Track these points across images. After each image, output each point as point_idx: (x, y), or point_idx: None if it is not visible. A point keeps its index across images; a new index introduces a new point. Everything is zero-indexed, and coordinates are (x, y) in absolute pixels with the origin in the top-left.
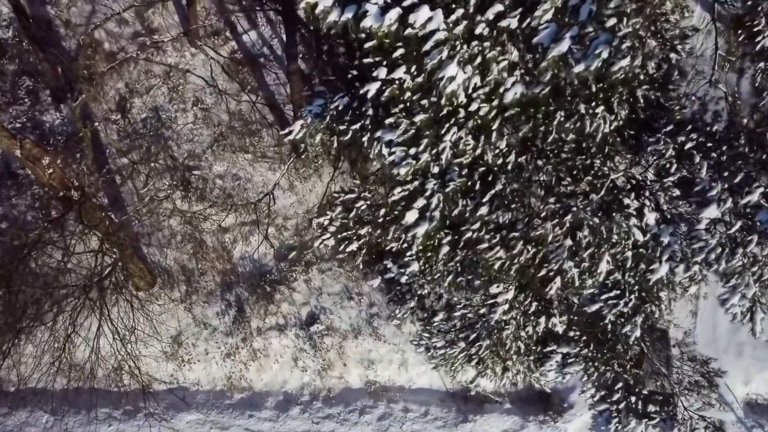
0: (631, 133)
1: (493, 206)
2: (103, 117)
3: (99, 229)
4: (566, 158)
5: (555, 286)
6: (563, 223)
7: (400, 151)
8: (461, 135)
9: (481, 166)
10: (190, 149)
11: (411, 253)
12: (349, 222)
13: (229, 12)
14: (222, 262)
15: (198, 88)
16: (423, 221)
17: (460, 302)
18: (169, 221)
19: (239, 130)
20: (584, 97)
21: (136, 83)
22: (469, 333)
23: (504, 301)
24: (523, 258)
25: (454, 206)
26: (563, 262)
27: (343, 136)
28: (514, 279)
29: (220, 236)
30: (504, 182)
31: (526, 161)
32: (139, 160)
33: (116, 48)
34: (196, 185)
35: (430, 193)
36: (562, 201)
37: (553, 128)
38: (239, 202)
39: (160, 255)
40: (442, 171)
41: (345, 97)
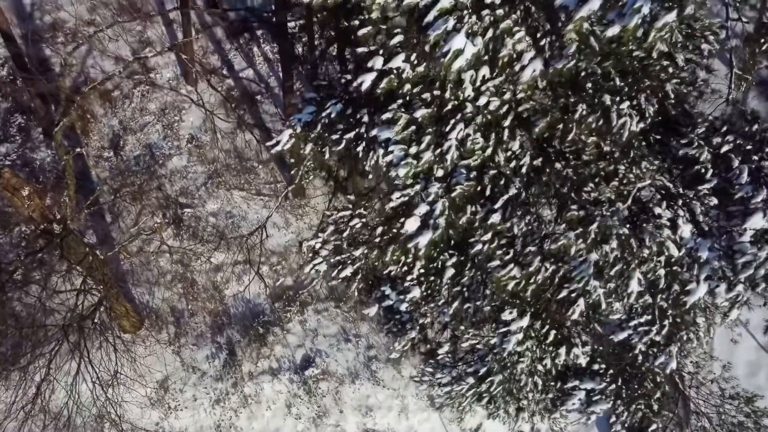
0: (658, 138)
1: (506, 213)
2: (95, 155)
3: (82, 266)
4: (588, 161)
5: (578, 309)
6: (588, 234)
7: (398, 149)
8: (469, 132)
9: (491, 168)
10: (183, 186)
11: (412, 278)
12: (342, 244)
13: (225, 50)
14: (213, 303)
15: (193, 126)
16: (426, 230)
17: (468, 332)
18: (159, 259)
19: (234, 167)
20: (608, 89)
21: (131, 121)
22: (478, 367)
23: (518, 330)
24: (540, 277)
25: (462, 213)
26: (588, 279)
27: (336, 146)
28: (530, 303)
29: (211, 276)
30: (518, 186)
31: (542, 164)
32: (131, 197)
33: (111, 85)
34: (189, 223)
35: (433, 197)
36: (586, 208)
37: (573, 125)
38: (232, 241)
39: (148, 295)
40: (447, 174)
41: (338, 104)
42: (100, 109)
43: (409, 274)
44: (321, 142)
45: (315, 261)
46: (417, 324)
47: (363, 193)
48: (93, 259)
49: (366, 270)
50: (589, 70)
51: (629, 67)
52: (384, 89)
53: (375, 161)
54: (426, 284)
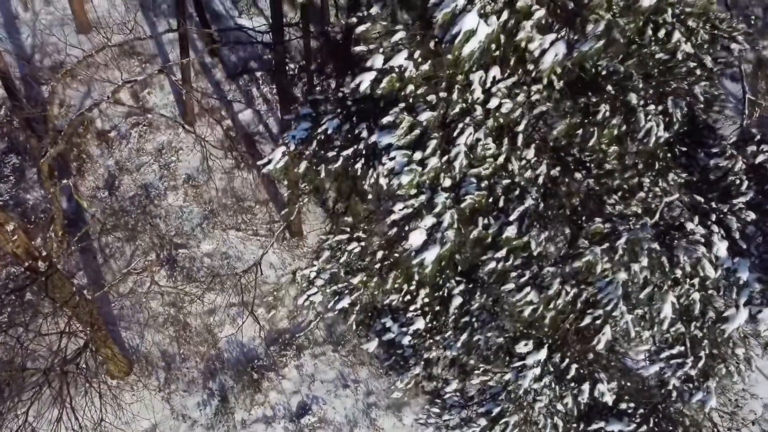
0: (683, 150)
1: (522, 227)
2: (89, 194)
3: (68, 306)
4: (611, 170)
5: (603, 339)
6: (615, 250)
7: (401, 155)
8: (479, 137)
9: (504, 178)
10: (178, 227)
11: (415, 308)
12: (339, 271)
13: (224, 91)
14: (206, 347)
15: (190, 165)
16: (433, 244)
17: (478, 367)
18: (151, 301)
19: (231, 206)
20: (633, 88)
21: (127, 161)
22: (491, 407)
23: (535, 364)
24: (561, 301)
25: (472, 226)
26: (617, 302)
27: (332, 163)
28: (548, 333)
29: (205, 318)
30: (535, 197)
31: (560, 174)
32: (124, 238)
33: (108, 126)
34: (183, 264)
35: (440, 208)
36: (612, 221)
37: (594, 130)
38: (226, 279)
39: (138, 338)
40: (455, 183)
41: (335, 119)
42: (97, 149)
43: (412, 303)
44: (316, 160)
45: (310, 291)
46: (421, 359)
47: (362, 216)
48: (80, 299)
49: (365, 300)
50: (611, 68)
51: (652, 70)
52: (385, 89)
53: (375, 180)
54: (431, 314)
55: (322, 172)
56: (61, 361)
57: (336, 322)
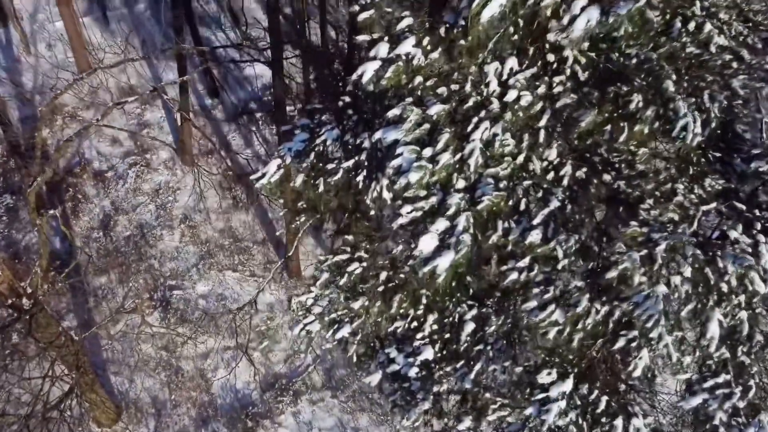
0: (717, 156)
1: (548, 231)
2: (83, 235)
3: (53, 348)
4: (644, 172)
5: (641, 364)
6: (654, 257)
7: (409, 151)
8: (496, 131)
9: (525, 179)
10: (173, 268)
11: (422, 336)
12: (338, 296)
13: (224, 132)
14: (199, 392)
15: (187, 206)
16: (446, 250)
17: (494, 401)
18: (142, 344)
19: (228, 247)
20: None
21: (123, 201)
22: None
23: (559, 396)
24: (590, 321)
25: (491, 230)
26: (659, 319)
27: (332, 176)
28: (573, 362)
29: (198, 362)
30: (561, 198)
31: (587, 175)
32: (117, 279)
33: (106, 166)
34: (177, 306)
35: (454, 210)
36: (650, 224)
37: (625, 125)
38: (219, 316)
39: (128, 384)
40: (470, 184)
41: (334, 129)
42: (93, 189)
43: (420, 331)
44: (314, 174)
45: (306, 320)
46: (430, 393)
47: (363, 234)
48: (65, 340)
49: (367, 329)
50: (642, 56)
51: (683, 65)
52: (390, 81)
53: (378, 193)
54: (440, 343)
55: (321, 185)
56: (43, 407)
57: (335, 365)
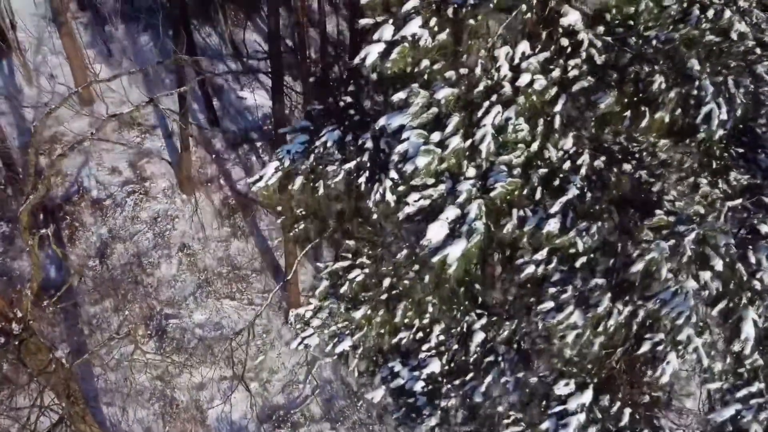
0: (740, 152)
1: (567, 221)
2: (79, 263)
3: (43, 376)
4: (666, 161)
5: (669, 369)
6: (682, 250)
7: (415, 135)
8: (509, 115)
9: (540, 167)
10: (170, 296)
11: (429, 347)
12: (339, 306)
13: (223, 160)
14: (194, 425)
15: (185, 234)
16: (457, 239)
17: (507, 416)
18: (137, 374)
19: (226, 275)
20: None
21: (120, 229)
22: None
23: (578, 408)
24: (612, 323)
25: (506, 218)
26: (689, 316)
27: (332, 178)
28: (592, 371)
29: (194, 393)
30: (580, 185)
31: (605, 164)
32: (113, 307)
33: (104, 195)
34: (173, 335)
35: (465, 197)
36: (677, 213)
37: (645, 110)
38: (218, 350)
39: (121, 415)
40: (482, 173)
41: (335, 131)
42: (90, 218)
43: (425, 342)
44: (314, 176)
45: (305, 333)
46: (437, 408)
47: (365, 239)
48: (56, 367)
49: (369, 342)
50: (663, 37)
51: (703, 52)
52: (395, 64)
53: (381, 196)
54: (448, 355)
55: (321, 188)
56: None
57: (335, 396)
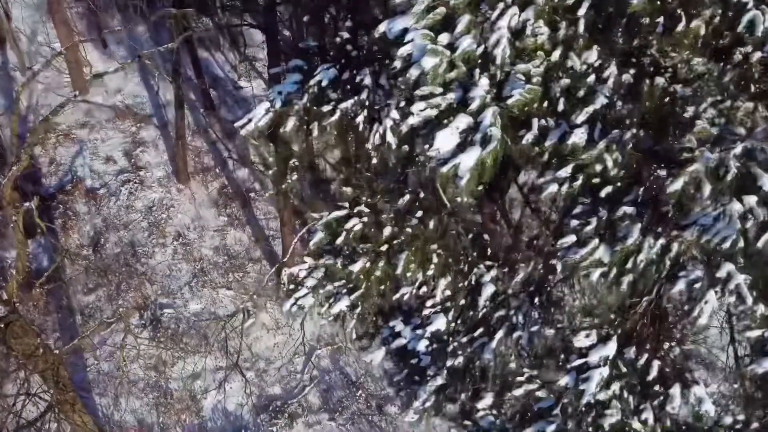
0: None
1: (594, 132)
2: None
3: (30, 361)
4: (705, 74)
5: (707, 309)
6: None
7: (420, 36)
8: (528, 17)
9: (562, 78)
10: (165, 286)
11: (434, 303)
12: (335, 262)
13: (220, 149)
14: (188, 415)
15: (181, 223)
16: (470, 147)
17: (521, 372)
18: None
19: (222, 265)
20: None
21: (115, 218)
22: (542, 426)
23: (601, 361)
24: (643, 257)
25: (525, 130)
26: (735, 240)
27: (328, 118)
28: (615, 322)
29: (189, 383)
30: (608, 95)
31: (634, 78)
32: (106, 297)
33: (98, 184)
34: (168, 325)
35: (479, 104)
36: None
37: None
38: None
39: (114, 406)
40: (497, 83)
41: (331, 69)
42: (84, 207)
43: (430, 297)
44: (307, 118)
45: (298, 294)
46: (443, 368)
47: (364, 186)
48: (44, 352)
49: (368, 300)
50: None
51: None
52: None
53: (381, 137)
54: (454, 311)
55: (315, 130)
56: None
57: (333, 386)
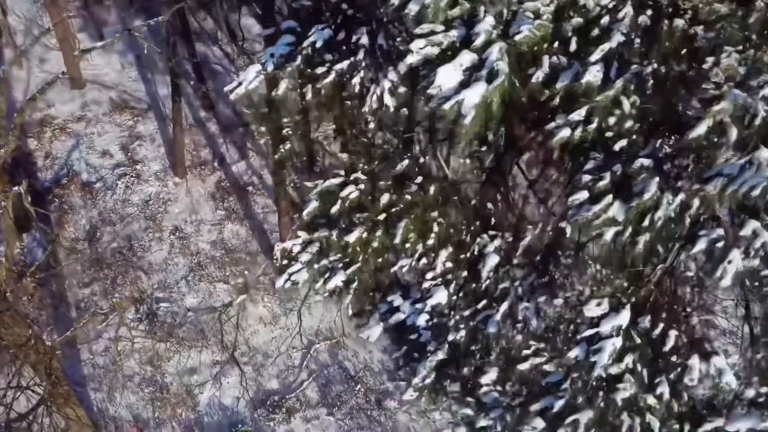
0: None
1: (611, 71)
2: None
3: (22, 353)
4: (728, 14)
5: (731, 270)
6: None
7: None
8: None
9: (573, 17)
10: (161, 280)
11: (434, 275)
12: (330, 235)
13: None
14: (185, 410)
15: (178, 217)
16: (474, 83)
17: (527, 345)
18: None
19: (219, 259)
20: None
21: (111, 212)
22: (551, 401)
23: (614, 331)
24: (661, 214)
25: (535, 68)
26: (765, 188)
27: (322, 80)
28: (628, 290)
29: (185, 378)
30: (625, 32)
31: (652, 19)
32: (102, 291)
33: (94, 178)
34: (164, 319)
35: (484, 40)
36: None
37: None
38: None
39: (108, 400)
40: (504, 21)
41: (326, 29)
42: (80, 200)
43: (430, 270)
44: (301, 81)
45: (292, 269)
46: (444, 343)
47: (361, 152)
48: (36, 343)
49: (365, 276)
50: None
51: None
52: None
53: (378, 99)
54: (456, 283)
55: (309, 93)
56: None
57: (331, 381)
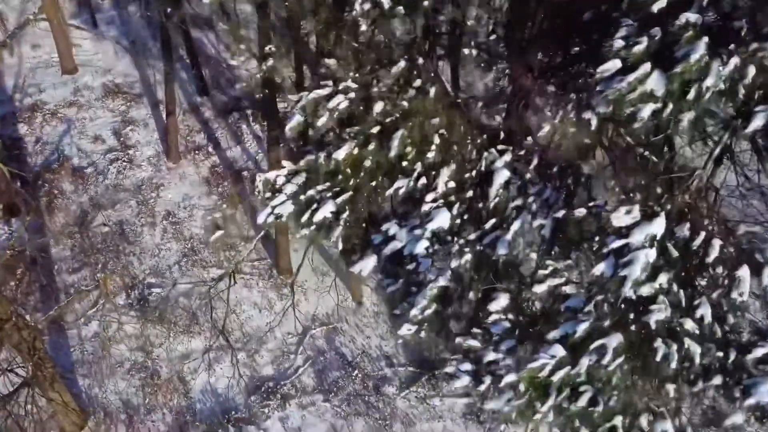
0: None
1: None
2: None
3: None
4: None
5: None
6: None
7: None
8: None
9: None
10: (153, 265)
11: (435, 197)
12: (317, 157)
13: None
14: (177, 396)
15: (171, 201)
16: None
17: (544, 265)
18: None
19: (213, 244)
20: None
21: (102, 197)
22: (570, 328)
23: (646, 242)
24: (710, 83)
25: None
26: None
27: None
28: (661, 197)
29: (176, 364)
30: None
31: None
32: (92, 276)
33: (85, 163)
34: (155, 305)
35: None
36: None
37: None
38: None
39: (98, 387)
40: None
41: None
42: (70, 186)
43: (431, 191)
44: None
45: (275, 201)
46: (447, 269)
47: (351, 58)
48: (17, 322)
49: (357, 203)
50: None
51: None
52: None
53: None
54: (459, 205)
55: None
56: None
57: (328, 366)
